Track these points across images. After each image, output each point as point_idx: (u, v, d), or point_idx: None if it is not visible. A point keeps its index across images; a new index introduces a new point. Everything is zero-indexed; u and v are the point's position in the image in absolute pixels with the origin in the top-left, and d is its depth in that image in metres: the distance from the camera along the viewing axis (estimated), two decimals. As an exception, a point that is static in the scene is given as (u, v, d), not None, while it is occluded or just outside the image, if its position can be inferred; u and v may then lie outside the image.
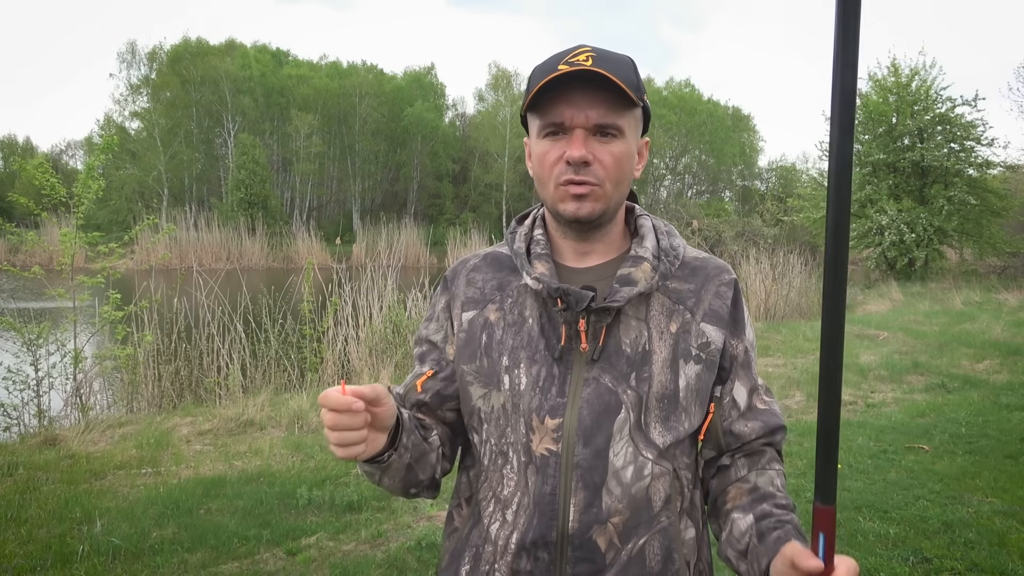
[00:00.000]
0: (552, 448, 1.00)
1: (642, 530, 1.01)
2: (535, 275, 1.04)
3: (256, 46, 45.47)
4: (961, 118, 19.61)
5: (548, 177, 1.03)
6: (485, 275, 1.12)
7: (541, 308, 1.06)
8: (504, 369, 1.04)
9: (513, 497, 1.03)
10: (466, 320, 1.10)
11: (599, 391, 1.01)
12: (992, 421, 5.66)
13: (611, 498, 1.00)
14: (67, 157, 50.27)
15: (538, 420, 1.01)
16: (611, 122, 0.99)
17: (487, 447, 1.06)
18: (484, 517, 1.06)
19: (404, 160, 43.86)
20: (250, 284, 8.24)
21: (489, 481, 1.06)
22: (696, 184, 52.43)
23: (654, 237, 1.09)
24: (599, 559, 1.00)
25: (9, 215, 19.47)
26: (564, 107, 0.99)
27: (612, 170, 1.01)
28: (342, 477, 4.45)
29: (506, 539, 1.03)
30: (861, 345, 9.31)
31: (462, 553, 1.08)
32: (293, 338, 7.56)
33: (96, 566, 3.19)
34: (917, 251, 19.13)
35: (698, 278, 1.09)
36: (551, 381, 1.02)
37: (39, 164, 7.23)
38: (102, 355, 6.68)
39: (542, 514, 1.00)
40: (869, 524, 3.72)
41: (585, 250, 1.09)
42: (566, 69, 0.96)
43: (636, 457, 1.01)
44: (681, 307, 1.06)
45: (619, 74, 0.97)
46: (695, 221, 24.57)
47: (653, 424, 1.02)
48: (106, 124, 39.68)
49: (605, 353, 1.02)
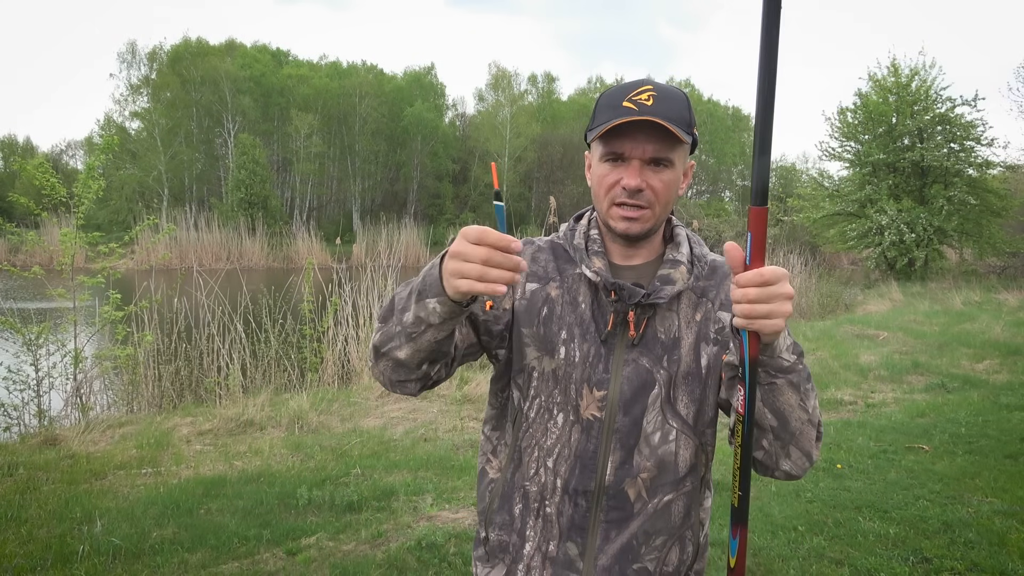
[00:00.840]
0: (597, 414, 1.19)
1: (668, 489, 1.20)
2: (594, 268, 1.22)
3: (256, 46, 45.49)
4: (961, 118, 19.61)
5: (604, 196, 1.20)
6: (547, 257, 1.28)
7: (593, 296, 1.23)
8: (561, 341, 1.21)
9: (555, 447, 1.21)
10: (529, 290, 1.25)
11: (638, 371, 1.19)
12: (992, 421, 5.66)
13: (641, 457, 1.18)
14: (67, 157, 50.27)
15: (588, 389, 1.19)
16: (664, 156, 1.16)
17: (536, 403, 1.22)
18: (529, 463, 1.23)
19: (404, 160, 43.85)
20: (250, 284, 8.24)
21: (532, 431, 1.23)
22: (696, 184, 52.44)
23: (688, 245, 1.28)
24: (628, 507, 1.19)
25: (9, 215, 19.47)
26: (625, 141, 1.15)
27: (662, 195, 1.19)
28: (342, 477, 4.45)
29: (552, 483, 1.20)
30: (861, 345, 9.31)
31: (512, 494, 1.25)
32: (293, 338, 7.56)
33: (96, 566, 3.19)
34: (917, 251, 19.14)
35: (717, 275, 1.27)
36: (599, 359, 1.19)
37: (39, 164, 7.23)
38: (102, 355, 6.68)
39: (584, 467, 1.19)
40: (869, 524, 3.72)
41: (630, 253, 1.27)
42: (630, 107, 1.13)
43: (663, 425, 1.19)
44: (704, 299, 1.24)
45: (674, 113, 1.14)
46: (695, 221, 24.59)
47: (680, 397, 1.20)
48: (106, 124, 39.70)
49: (644, 340, 1.20)
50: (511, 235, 0.98)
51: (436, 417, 6.00)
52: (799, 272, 14.12)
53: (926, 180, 20.18)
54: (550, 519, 1.21)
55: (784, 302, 0.96)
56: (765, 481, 4.34)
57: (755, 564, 3.31)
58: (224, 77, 38.52)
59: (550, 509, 1.21)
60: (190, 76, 38.60)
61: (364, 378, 7.49)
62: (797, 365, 1.05)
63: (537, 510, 1.22)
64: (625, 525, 1.19)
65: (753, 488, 4.21)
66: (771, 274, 0.95)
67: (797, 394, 1.07)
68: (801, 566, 3.27)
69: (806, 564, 3.29)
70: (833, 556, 3.37)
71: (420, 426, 5.76)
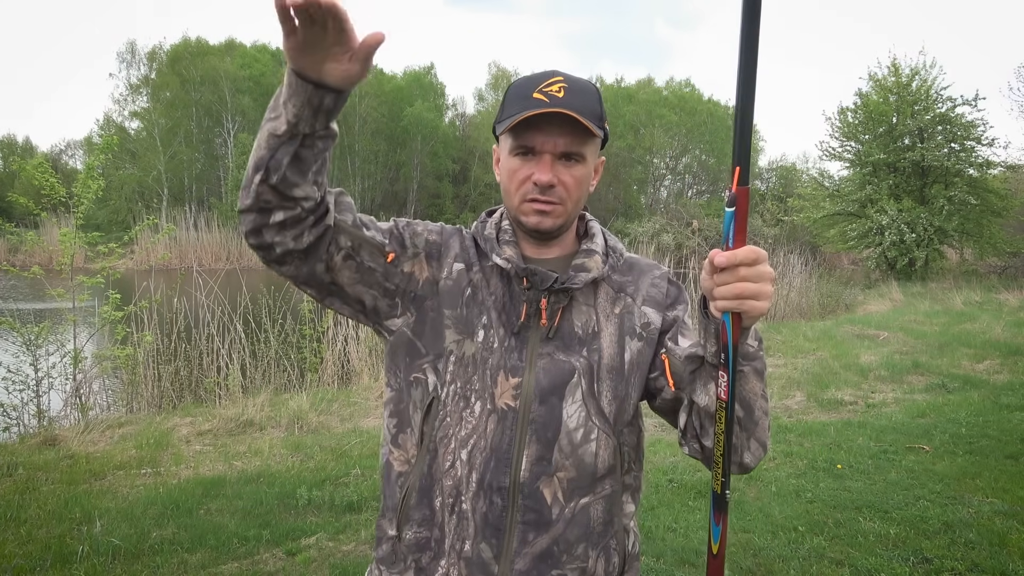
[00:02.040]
0: (511, 404, 1.13)
1: (585, 491, 1.14)
2: (505, 256, 1.17)
3: (256, 46, 45.48)
4: (961, 118, 19.61)
5: (515, 191, 1.16)
6: (471, 244, 1.24)
7: (505, 287, 1.18)
8: (481, 324, 1.16)
9: (470, 438, 1.13)
10: (455, 270, 1.20)
11: (554, 362, 1.15)
12: (992, 421, 5.66)
13: (560, 454, 1.13)
14: (67, 157, 50.25)
15: (504, 376, 1.14)
16: (575, 150, 1.13)
17: (451, 388, 1.15)
18: (444, 454, 1.14)
19: (404, 160, 43.85)
20: (250, 284, 8.23)
21: (448, 420, 1.15)
22: (696, 184, 52.41)
23: (602, 237, 1.26)
24: (545, 512, 1.12)
25: (9, 215, 19.46)
26: (535, 134, 1.12)
27: (573, 190, 1.16)
28: (342, 477, 4.45)
29: (467, 477, 1.13)
30: (861, 345, 9.30)
31: (431, 487, 1.15)
32: (293, 338, 7.55)
33: (96, 566, 3.19)
34: (917, 251, 19.13)
35: (635, 272, 1.26)
36: (513, 346, 1.15)
37: (39, 164, 7.22)
38: (102, 355, 6.67)
39: (498, 460, 1.12)
40: (869, 524, 3.71)
41: (543, 249, 1.23)
42: (541, 99, 1.10)
43: (587, 421, 1.14)
44: (623, 294, 1.22)
45: (586, 107, 1.11)
46: (695, 221, 24.58)
47: (604, 392, 1.16)
48: (106, 124, 39.68)
49: (559, 333, 1.16)
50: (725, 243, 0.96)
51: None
52: (799, 272, 14.11)
53: (926, 180, 20.18)
54: (465, 515, 1.13)
55: (768, 282, 0.95)
56: (765, 482, 4.33)
57: (755, 564, 3.31)
58: (224, 77, 38.50)
59: (465, 506, 1.13)
60: (190, 76, 38.59)
61: (364, 378, 7.49)
62: (759, 351, 1.05)
63: (452, 505, 1.14)
64: (544, 529, 1.12)
65: (753, 488, 4.22)
66: (761, 253, 0.94)
67: (760, 382, 1.07)
68: (801, 566, 3.27)
69: (806, 564, 3.28)
70: (833, 556, 3.36)
71: (420, 426, 5.76)
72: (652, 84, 49.83)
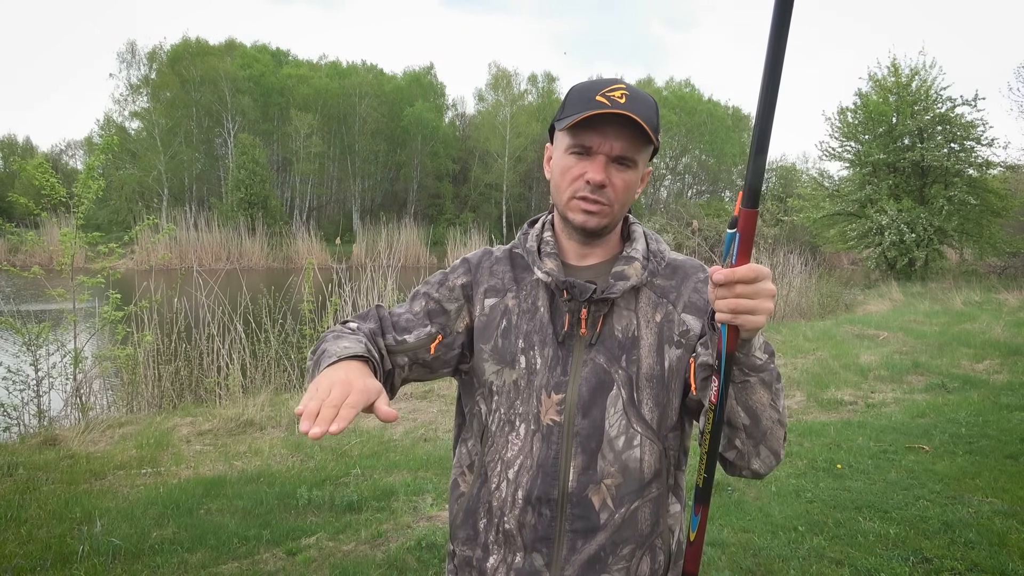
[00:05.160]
0: (556, 419, 1.18)
1: (634, 496, 1.18)
2: (545, 270, 1.22)
3: (256, 46, 45.47)
4: (961, 118, 19.60)
5: (566, 188, 1.20)
6: (504, 268, 1.28)
7: (549, 299, 1.23)
8: (520, 350, 1.21)
9: (516, 459, 1.19)
10: (488, 305, 1.25)
11: (595, 370, 1.18)
12: (992, 421, 5.66)
13: (605, 462, 1.17)
14: (67, 157, 50.26)
15: (546, 394, 1.18)
16: (630, 155, 1.17)
17: (496, 416, 1.22)
18: (492, 477, 1.21)
19: (404, 160, 43.83)
20: (250, 284, 8.24)
21: (496, 445, 1.21)
22: (696, 184, 52.43)
23: (644, 241, 1.28)
24: (594, 517, 1.16)
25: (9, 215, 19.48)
26: (594, 135, 1.15)
27: (622, 194, 1.19)
28: (342, 477, 4.45)
29: (513, 494, 1.18)
30: (861, 345, 9.31)
31: (476, 509, 1.23)
32: (293, 338, 7.56)
33: (96, 566, 3.19)
34: (917, 251, 19.12)
35: (678, 276, 1.26)
36: (557, 361, 1.19)
37: (39, 164, 7.22)
38: (102, 355, 6.67)
39: (546, 474, 1.17)
40: (869, 524, 3.72)
41: (586, 252, 1.26)
42: (603, 102, 1.13)
43: (628, 429, 1.18)
44: (665, 300, 1.23)
45: (644, 115, 1.13)
46: (695, 221, 24.57)
47: (644, 400, 1.19)
48: (106, 124, 39.66)
49: (601, 338, 1.20)
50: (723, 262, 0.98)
51: (436, 417, 6.00)
52: (799, 272, 14.11)
53: (926, 180, 20.17)
54: (511, 534, 1.19)
55: (767, 299, 0.96)
56: (765, 481, 4.34)
57: (755, 564, 3.31)
58: (224, 77, 38.49)
59: (509, 525, 1.18)
60: (190, 76, 38.57)
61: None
62: (769, 364, 1.07)
63: (497, 525, 1.20)
64: (592, 535, 1.17)
65: (753, 488, 4.22)
66: (762, 272, 0.95)
67: (769, 393, 1.07)
68: (801, 566, 3.27)
69: (806, 564, 3.29)
70: (833, 556, 3.36)
71: (420, 426, 5.76)
72: (652, 84, 49.84)
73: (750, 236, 0.95)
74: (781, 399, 1.10)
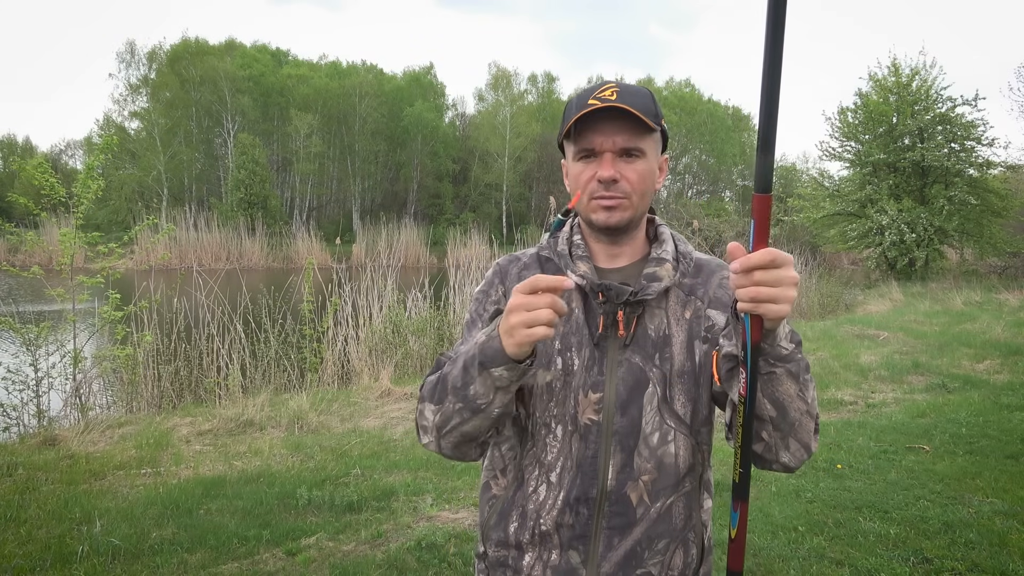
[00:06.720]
0: (594, 418, 1.19)
1: (669, 491, 1.20)
2: (580, 273, 1.24)
3: (256, 46, 45.49)
4: (961, 118, 19.60)
5: (583, 193, 1.23)
6: (534, 272, 1.28)
7: (583, 301, 1.24)
8: (556, 352, 1.22)
9: (556, 462, 1.20)
10: None
11: (631, 370, 1.20)
12: (993, 421, 5.65)
13: (641, 459, 1.19)
14: (67, 157, 50.34)
15: (583, 395, 1.20)
16: (634, 145, 1.19)
17: (533, 419, 1.23)
18: (529, 480, 1.23)
19: (404, 160, 43.85)
20: (250, 284, 8.24)
21: (536, 450, 1.23)
22: (696, 184, 52.47)
23: (672, 243, 1.30)
24: (630, 513, 1.18)
25: (9, 215, 19.48)
26: (594, 135, 1.19)
27: (637, 184, 1.21)
28: (342, 477, 4.45)
29: (554, 497, 1.20)
30: (861, 345, 9.30)
31: (509, 512, 1.24)
32: (293, 338, 7.56)
33: (96, 566, 3.19)
34: (917, 251, 19.13)
35: (703, 274, 1.29)
36: (593, 361, 1.21)
37: (38, 164, 7.21)
38: (101, 355, 6.67)
39: (584, 474, 1.18)
40: (869, 524, 3.71)
41: (615, 252, 1.29)
42: (596, 104, 1.16)
43: (661, 425, 1.20)
44: (693, 297, 1.26)
45: (638, 105, 1.17)
46: (695, 221, 24.53)
47: (676, 396, 1.21)
48: (106, 124, 39.68)
49: (635, 338, 1.22)
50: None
51: (436, 417, 5.98)
52: (799, 272, 14.09)
53: (927, 180, 20.17)
54: (547, 534, 1.20)
55: (789, 287, 0.94)
56: (765, 481, 4.33)
57: (755, 564, 3.31)
58: (223, 77, 38.52)
59: (546, 526, 1.20)
60: (189, 76, 38.60)
61: (364, 378, 7.49)
62: (796, 354, 1.05)
63: (533, 527, 1.21)
64: (628, 531, 1.19)
65: (753, 488, 4.21)
66: (780, 257, 0.94)
67: (796, 384, 1.06)
68: (801, 566, 3.27)
69: (806, 564, 3.28)
70: (833, 556, 3.36)
71: (420, 426, 5.75)
72: (652, 84, 49.83)
73: (765, 220, 0.94)
74: (810, 390, 1.08)
